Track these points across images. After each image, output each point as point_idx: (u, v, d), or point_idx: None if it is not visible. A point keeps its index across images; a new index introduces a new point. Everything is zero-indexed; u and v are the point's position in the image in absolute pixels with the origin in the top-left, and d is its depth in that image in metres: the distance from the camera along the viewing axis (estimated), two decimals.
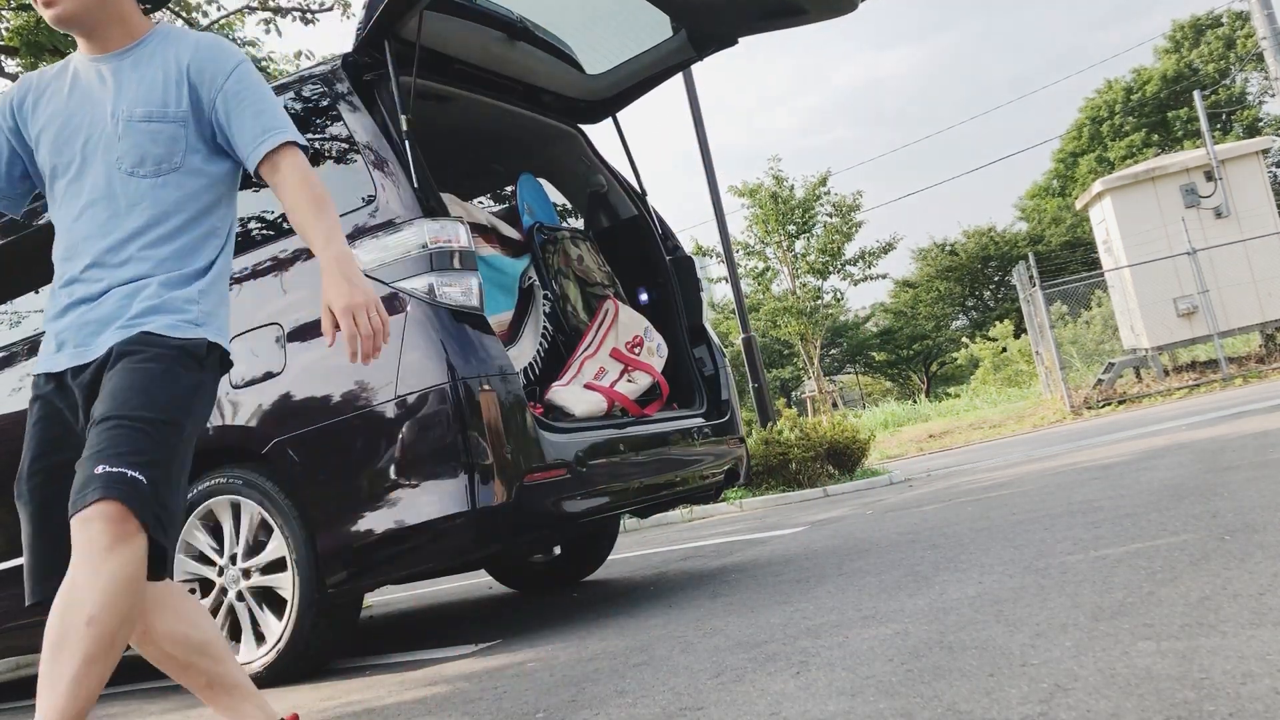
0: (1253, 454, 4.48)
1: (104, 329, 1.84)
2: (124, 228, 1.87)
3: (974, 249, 36.52)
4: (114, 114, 1.89)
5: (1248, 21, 26.47)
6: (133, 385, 1.76)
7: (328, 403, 3.01)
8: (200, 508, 3.21)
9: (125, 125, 1.89)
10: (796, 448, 8.21)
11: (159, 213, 1.89)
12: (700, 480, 3.84)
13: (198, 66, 1.92)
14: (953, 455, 11.25)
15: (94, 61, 1.94)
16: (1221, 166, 13.47)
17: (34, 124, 1.96)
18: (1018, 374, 24.14)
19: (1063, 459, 6.60)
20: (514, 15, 3.73)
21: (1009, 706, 1.58)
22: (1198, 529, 2.85)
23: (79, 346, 1.86)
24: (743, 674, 2.11)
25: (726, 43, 4.11)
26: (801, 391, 33.13)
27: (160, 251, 1.88)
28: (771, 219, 22.65)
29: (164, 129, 1.90)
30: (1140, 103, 36.12)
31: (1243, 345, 14.83)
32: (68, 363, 1.86)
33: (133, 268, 1.86)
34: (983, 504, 4.64)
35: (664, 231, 4.32)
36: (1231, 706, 1.42)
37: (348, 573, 2.95)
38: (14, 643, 3.74)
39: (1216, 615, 1.90)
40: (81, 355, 1.85)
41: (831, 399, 27.85)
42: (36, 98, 1.97)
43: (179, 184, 1.90)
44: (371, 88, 3.23)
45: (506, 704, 2.28)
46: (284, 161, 1.91)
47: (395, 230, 3.01)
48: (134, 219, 1.88)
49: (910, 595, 2.64)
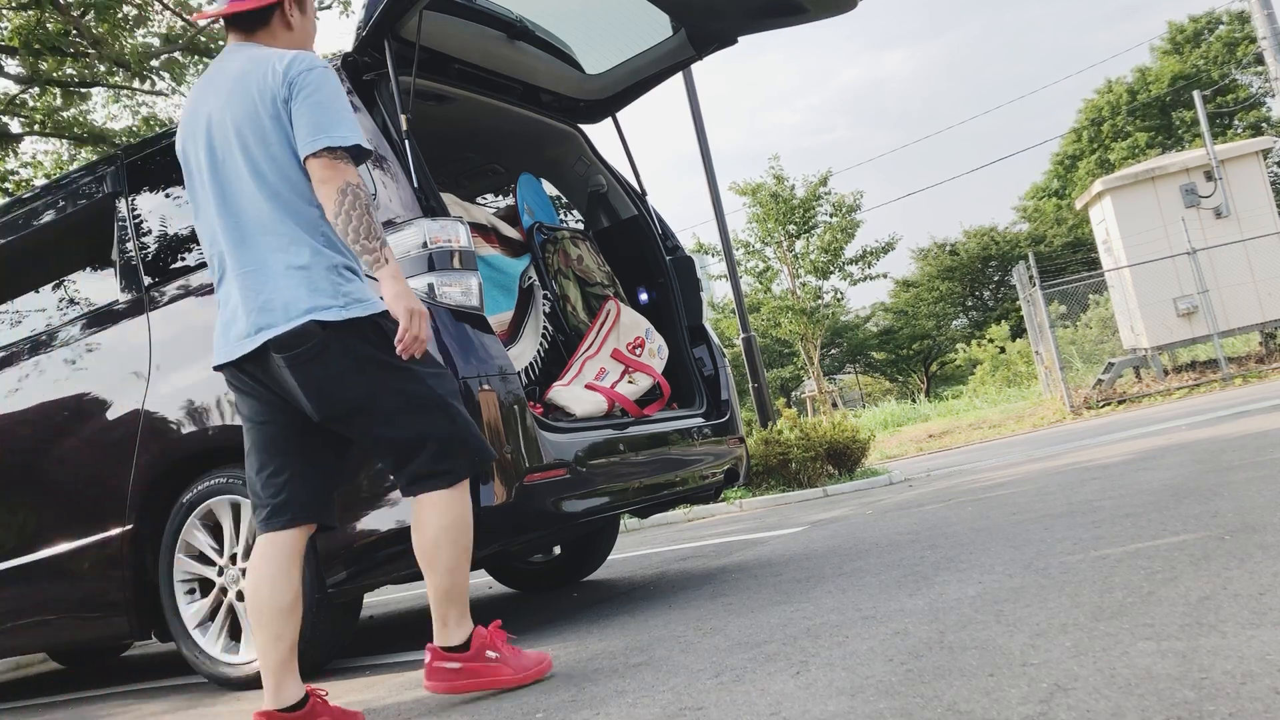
0: (1253, 454, 4.48)
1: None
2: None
3: (974, 249, 36.51)
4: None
5: (1247, 22, 26.47)
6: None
7: None
8: (200, 508, 3.21)
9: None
10: (796, 448, 8.21)
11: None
12: (700, 480, 3.84)
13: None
14: (952, 455, 11.25)
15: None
16: (1221, 166, 13.47)
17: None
18: (1017, 374, 24.15)
19: (1063, 459, 6.60)
20: (514, 15, 3.72)
21: (1009, 706, 1.58)
22: (1198, 529, 2.85)
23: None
24: (743, 674, 2.11)
25: (726, 42, 4.11)
26: (801, 391, 33.14)
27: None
28: (772, 218, 22.65)
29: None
30: (1144, 104, 36.11)
31: (1242, 345, 14.83)
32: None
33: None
34: (983, 504, 4.64)
35: (664, 231, 4.32)
36: (1231, 706, 1.42)
37: (348, 573, 2.95)
38: (14, 642, 3.74)
39: (1216, 615, 1.90)
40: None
41: (831, 399, 27.84)
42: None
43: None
44: (371, 87, 3.23)
45: (506, 704, 2.28)
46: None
47: (395, 230, 3.00)
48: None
49: (910, 595, 2.64)
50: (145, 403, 3.34)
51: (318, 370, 2.23)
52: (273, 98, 2.23)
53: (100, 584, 3.42)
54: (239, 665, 3.13)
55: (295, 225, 2.25)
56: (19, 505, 3.66)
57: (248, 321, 2.25)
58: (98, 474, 3.43)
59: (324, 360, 2.23)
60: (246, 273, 2.26)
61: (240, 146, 2.26)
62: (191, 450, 3.25)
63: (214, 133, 2.30)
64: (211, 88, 2.34)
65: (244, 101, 2.26)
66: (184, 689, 3.53)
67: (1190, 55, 35.53)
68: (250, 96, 2.25)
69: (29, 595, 3.60)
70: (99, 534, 3.40)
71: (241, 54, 2.35)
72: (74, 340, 3.63)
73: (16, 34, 8.88)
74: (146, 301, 3.46)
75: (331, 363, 2.23)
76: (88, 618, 3.50)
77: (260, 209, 2.25)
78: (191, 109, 2.38)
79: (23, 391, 3.72)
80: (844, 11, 3.85)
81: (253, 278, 2.25)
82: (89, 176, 3.79)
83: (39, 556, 3.55)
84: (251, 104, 2.25)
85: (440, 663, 2.33)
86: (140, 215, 3.59)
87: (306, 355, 2.22)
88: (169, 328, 3.39)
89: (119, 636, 3.49)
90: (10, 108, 10.51)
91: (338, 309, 2.24)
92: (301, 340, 2.21)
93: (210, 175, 2.30)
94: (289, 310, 2.22)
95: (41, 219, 3.90)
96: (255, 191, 2.25)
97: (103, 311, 3.59)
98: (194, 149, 2.34)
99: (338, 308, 2.24)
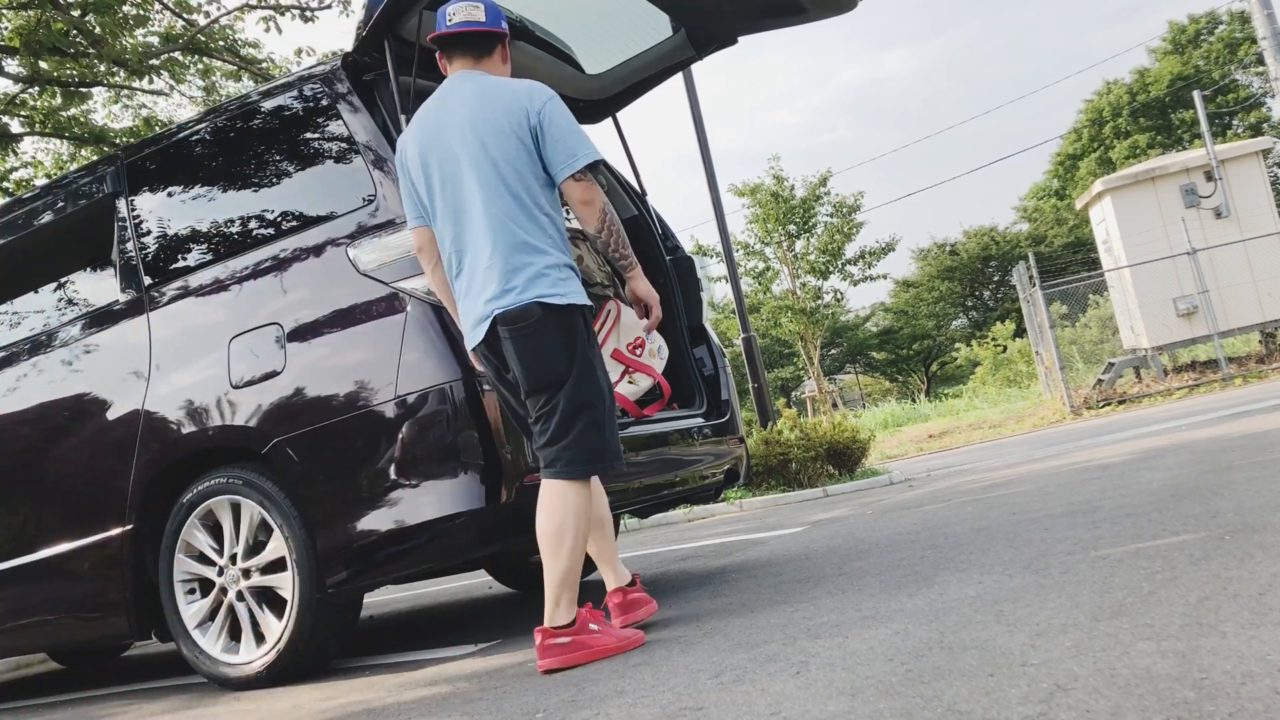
0: (1253, 454, 4.47)
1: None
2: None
3: (975, 249, 36.52)
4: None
5: (1247, 22, 26.45)
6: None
7: (328, 403, 3.01)
8: (200, 508, 3.21)
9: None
10: (796, 448, 8.21)
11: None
12: (700, 480, 3.84)
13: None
14: (953, 455, 11.25)
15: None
16: (1221, 166, 13.47)
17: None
18: (1017, 374, 24.15)
19: (1062, 459, 6.60)
20: (514, 15, 3.72)
21: (1009, 706, 1.58)
22: (1198, 529, 2.84)
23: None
24: (743, 674, 2.11)
25: (726, 42, 4.11)
26: (801, 391, 33.14)
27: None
28: (771, 219, 22.64)
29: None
30: (1145, 104, 36.10)
31: (1242, 345, 14.83)
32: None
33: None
34: (983, 504, 4.64)
35: (664, 231, 4.32)
36: (1231, 706, 1.42)
37: (348, 573, 2.95)
38: (14, 642, 3.74)
39: (1216, 615, 1.90)
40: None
41: (831, 399, 27.84)
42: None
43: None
44: (371, 87, 3.23)
45: (506, 704, 2.28)
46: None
47: (395, 230, 3.01)
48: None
49: (910, 595, 2.64)
50: (145, 403, 3.34)
51: (531, 345, 2.59)
52: (519, 121, 2.63)
53: (100, 584, 3.42)
54: (239, 665, 3.13)
55: (534, 228, 2.63)
56: (19, 505, 3.66)
57: (485, 308, 2.62)
58: (98, 474, 3.43)
59: (538, 336, 2.59)
60: (488, 267, 2.62)
61: (489, 161, 2.63)
62: (191, 450, 3.25)
63: (460, 148, 2.65)
64: (450, 109, 2.69)
65: (491, 122, 2.63)
66: (184, 689, 3.53)
67: (1191, 56, 35.53)
68: (498, 119, 2.63)
69: (29, 595, 3.60)
70: (99, 534, 3.40)
71: (474, 81, 2.71)
72: (74, 340, 3.63)
73: (16, 34, 8.88)
74: (146, 301, 3.46)
75: (545, 340, 2.59)
76: (88, 618, 3.50)
77: (504, 214, 2.62)
78: (426, 126, 2.72)
79: (23, 391, 3.72)
80: (844, 11, 3.85)
81: (493, 271, 2.61)
82: (89, 176, 3.80)
83: (39, 556, 3.55)
84: (499, 125, 2.63)
85: (551, 640, 2.54)
86: (140, 215, 3.59)
87: (526, 330, 2.58)
88: (169, 328, 3.39)
89: (119, 636, 3.49)
90: (10, 108, 10.51)
91: (558, 296, 2.61)
92: (524, 316, 2.58)
93: (456, 184, 2.66)
94: (519, 293, 2.59)
95: (41, 219, 3.90)
96: (501, 200, 2.62)
97: (103, 311, 3.59)
98: (435, 160, 2.68)
99: (558, 295, 2.61)
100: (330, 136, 3.29)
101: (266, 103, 3.45)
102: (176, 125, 3.75)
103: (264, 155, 3.46)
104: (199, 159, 3.58)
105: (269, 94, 3.46)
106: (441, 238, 2.72)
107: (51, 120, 10.65)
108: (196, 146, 3.58)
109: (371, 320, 2.99)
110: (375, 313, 2.99)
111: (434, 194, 2.70)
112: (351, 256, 3.06)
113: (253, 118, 3.48)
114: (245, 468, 3.15)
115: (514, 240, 2.61)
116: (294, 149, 3.39)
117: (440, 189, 2.68)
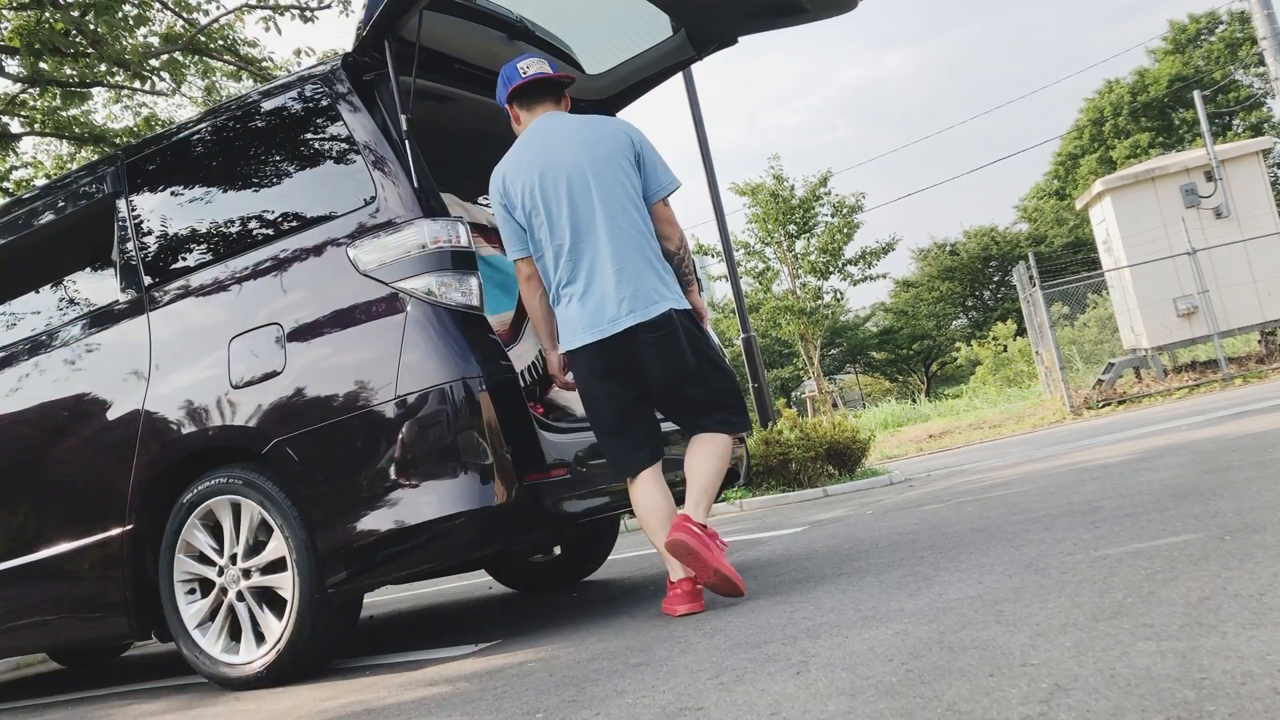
0: (1253, 454, 4.47)
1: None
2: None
3: (975, 249, 36.53)
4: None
5: (1248, 22, 26.45)
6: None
7: (328, 403, 3.01)
8: (200, 508, 3.21)
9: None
10: (796, 448, 8.21)
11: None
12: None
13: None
14: (953, 455, 11.25)
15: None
16: (1221, 167, 13.47)
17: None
18: (1018, 374, 24.15)
19: (1063, 459, 6.60)
20: (514, 15, 3.72)
21: (1009, 706, 1.58)
22: (1198, 529, 2.84)
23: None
24: (743, 674, 2.11)
25: (726, 42, 4.11)
26: (801, 391, 33.12)
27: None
28: (771, 219, 22.63)
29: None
30: (1145, 104, 36.10)
31: (1242, 345, 14.83)
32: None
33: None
34: (983, 504, 4.64)
35: None
36: (1231, 706, 1.42)
37: (348, 573, 2.95)
38: (14, 642, 3.74)
39: (1216, 615, 1.90)
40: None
41: (831, 399, 27.84)
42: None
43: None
44: (371, 87, 3.23)
45: (506, 704, 2.28)
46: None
47: (395, 230, 3.01)
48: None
49: (910, 595, 2.64)
50: (145, 403, 3.34)
51: (669, 347, 2.99)
52: (625, 150, 3.08)
53: (100, 584, 3.42)
54: (239, 665, 3.13)
55: (647, 240, 3.06)
56: (19, 505, 3.66)
57: (618, 307, 2.96)
58: (98, 474, 3.43)
59: (675, 338, 3.00)
60: (618, 270, 2.97)
61: (614, 182, 3.03)
62: (192, 450, 3.25)
63: (584, 170, 3.02)
64: (560, 141, 3.07)
65: (605, 150, 3.06)
66: (184, 689, 3.53)
67: (1192, 56, 35.53)
68: (610, 147, 3.06)
69: (29, 595, 3.60)
70: (99, 534, 3.40)
71: (569, 118, 3.16)
72: (74, 340, 3.63)
73: (16, 34, 8.88)
74: (146, 301, 3.46)
75: (679, 340, 3.01)
76: (88, 618, 3.50)
77: (631, 228, 3.02)
78: (536, 157, 3.07)
79: (23, 391, 3.72)
80: (844, 11, 3.85)
81: (623, 274, 2.97)
82: (89, 176, 3.80)
83: (39, 557, 3.55)
84: (611, 152, 3.06)
85: (689, 524, 2.90)
86: (140, 215, 3.59)
87: (668, 335, 2.98)
88: (169, 328, 3.39)
89: (119, 636, 3.49)
90: (10, 108, 10.51)
91: (678, 299, 3.06)
92: (665, 323, 2.98)
93: (583, 201, 3.01)
94: (652, 298, 2.98)
95: (42, 219, 3.90)
96: (626, 215, 3.02)
97: (103, 311, 3.59)
98: (554, 182, 3.03)
99: (677, 298, 3.06)
100: (330, 137, 3.29)
101: (267, 103, 3.45)
102: (177, 125, 3.75)
103: (264, 155, 3.46)
104: (199, 159, 3.58)
105: (269, 94, 3.46)
106: (559, 249, 3.03)
107: (51, 120, 10.66)
108: (197, 146, 3.58)
109: (372, 320, 2.99)
110: (375, 313, 2.99)
111: (553, 212, 3.02)
112: (351, 256, 3.06)
113: (253, 118, 3.48)
114: (245, 468, 3.16)
115: (642, 252, 3.02)
116: (294, 149, 3.39)
117: (564, 205, 3.01)
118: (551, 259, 3.05)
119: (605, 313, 2.96)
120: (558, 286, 3.05)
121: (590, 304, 2.98)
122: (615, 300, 2.95)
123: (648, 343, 2.97)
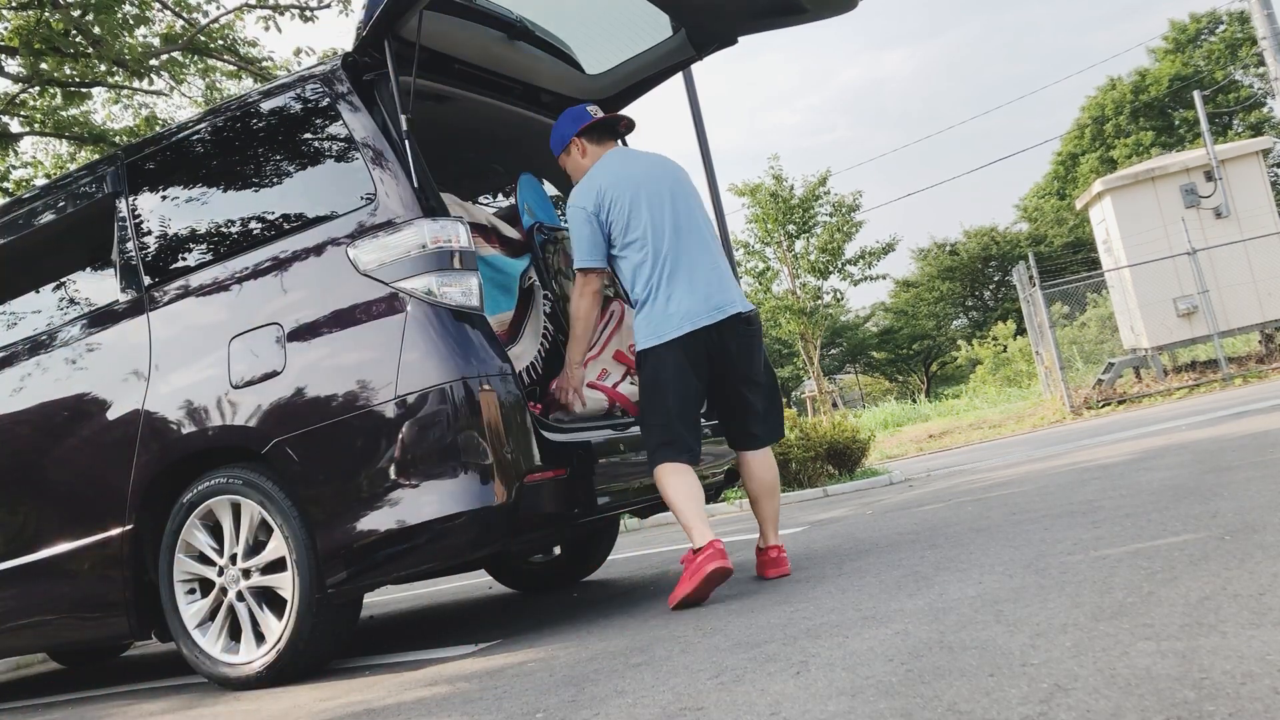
0: (1253, 454, 4.47)
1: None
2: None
3: (975, 249, 36.52)
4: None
5: (1248, 22, 26.45)
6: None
7: (328, 403, 3.01)
8: (200, 508, 3.21)
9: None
10: (796, 448, 8.21)
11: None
12: (700, 480, 3.83)
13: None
14: (952, 455, 11.25)
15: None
16: (1221, 166, 13.47)
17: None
18: (1017, 374, 24.14)
19: (1063, 459, 6.60)
20: (514, 15, 3.72)
21: (1009, 706, 1.58)
22: (1198, 529, 2.85)
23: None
24: (743, 674, 2.11)
25: (726, 42, 4.11)
26: (801, 391, 33.12)
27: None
28: (771, 219, 22.63)
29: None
30: (1146, 104, 36.09)
31: (1242, 345, 14.83)
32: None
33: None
34: (983, 504, 4.64)
35: None
36: (1231, 706, 1.42)
37: (348, 573, 2.95)
38: (14, 642, 3.74)
39: (1216, 615, 1.90)
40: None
41: (831, 399, 27.83)
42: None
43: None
44: (371, 87, 3.23)
45: (506, 704, 2.28)
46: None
47: (395, 230, 3.00)
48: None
49: (910, 595, 2.64)
50: (145, 403, 3.34)
51: (755, 342, 3.40)
52: (690, 182, 3.52)
53: (100, 584, 3.42)
54: (239, 665, 3.13)
55: (720, 248, 3.47)
56: (19, 505, 3.66)
57: (724, 297, 3.32)
58: (98, 474, 3.43)
59: (760, 336, 3.44)
60: (711, 267, 3.35)
61: (691, 203, 3.44)
62: (191, 450, 3.25)
63: (667, 188, 3.40)
64: (641, 167, 3.45)
65: (681, 177, 3.50)
66: (184, 689, 3.53)
67: (1192, 56, 35.52)
68: (682, 176, 3.51)
69: (29, 595, 3.60)
70: (99, 534, 3.40)
71: (634, 152, 3.58)
72: (74, 340, 3.63)
73: (16, 34, 8.88)
74: (146, 301, 3.46)
75: (760, 340, 3.46)
76: (88, 618, 3.50)
77: (712, 241, 3.44)
78: (630, 176, 3.39)
79: (23, 391, 3.72)
80: (844, 11, 3.85)
81: (716, 273, 3.36)
82: (89, 176, 3.79)
83: (39, 556, 3.55)
84: (681, 179, 3.49)
85: (779, 553, 3.46)
86: (140, 215, 3.59)
87: (758, 331, 3.42)
88: (169, 328, 3.39)
89: (119, 636, 3.49)
90: (10, 108, 10.51)
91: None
92: (757, 320, 3.43)
93: (683, 208, 3.39)
94: (745, 300, 3.40)
95: (41, 219, 3.90)
96: (707, 228, 3.45)
97: (103, 311, 3.59)
98: (653, 194, 3.37)
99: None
100: (330, 136, 3.29)
101: (266, 103, 3.44)
102: (176, 125, 3.75)
103: (264, 155, 3.45)
104: (199, 159, 3.58)
105: (269, 94, 3.46)
106: (658, 249, 3.32)
107: (51, 120, 10.66)
108: (197, 146, 3.58)
109: (371, 320, 2.99)
110: (375, 313, 2.99)
111: (655, 217, 3.34)
112: (351, 256, 3.06)
113: (253, 118, 3.48)
114: (245, 468, 3.15)
115: (725, 263, 3.44)
116: (294, 149, 3.38)
117: (665, 213, 3.35)
118: (651, 257, 3.31)
119: (712, 301, 3.29)
120: (653, 286, 3.30)
121: (694, 297, 3.28)
122: (720, 293, 3.31)
123: (743, 334, 3.33)
